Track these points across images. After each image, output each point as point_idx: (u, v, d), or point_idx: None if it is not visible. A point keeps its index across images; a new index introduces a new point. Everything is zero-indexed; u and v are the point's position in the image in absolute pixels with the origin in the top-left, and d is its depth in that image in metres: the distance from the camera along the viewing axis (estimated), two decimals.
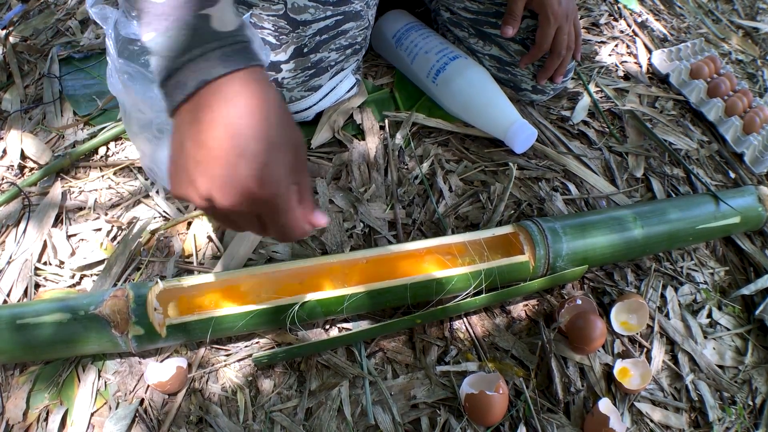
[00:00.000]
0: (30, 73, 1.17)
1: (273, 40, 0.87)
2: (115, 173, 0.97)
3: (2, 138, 1.04)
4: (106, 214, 0.91)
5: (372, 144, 1.00)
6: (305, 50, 0.88)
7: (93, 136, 1.01)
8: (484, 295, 0.77)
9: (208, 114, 0.48)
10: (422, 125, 1.05)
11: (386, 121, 1.03)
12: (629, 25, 1.40)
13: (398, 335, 0.81)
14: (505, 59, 1.04)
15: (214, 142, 0.48)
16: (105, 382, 0.75)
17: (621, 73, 1.27)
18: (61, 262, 0.86)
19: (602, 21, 1.40)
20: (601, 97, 1.19)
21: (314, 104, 0.97)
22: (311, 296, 0.73)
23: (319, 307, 0.74)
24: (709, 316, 0.90)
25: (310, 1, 0.84)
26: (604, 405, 0.73)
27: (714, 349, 0.87)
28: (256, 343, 0.78)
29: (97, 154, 1.00)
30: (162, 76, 0.50)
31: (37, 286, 0.84)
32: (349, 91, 1.02)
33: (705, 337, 0.87)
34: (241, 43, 0.51)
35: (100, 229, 0.89)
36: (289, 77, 0.90)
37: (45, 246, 0.88)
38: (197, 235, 0.89)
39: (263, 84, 0.51)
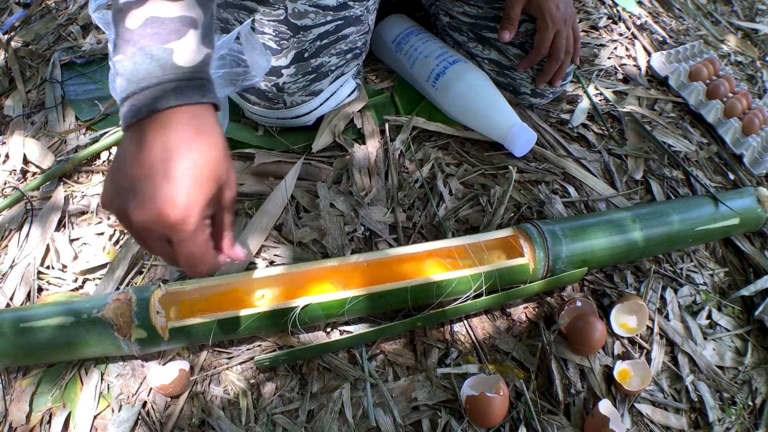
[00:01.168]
0: (32, 78, 1.17)
1: (274, 45, 0.87)
2: None
3: (5, 143, 1.04)
4: (109, 219, 0.92)
5: (372, 148, 1.00)
6: (306, 55, 0.89)
7: (95, 140, 1.02)
8: (484, 297, 0.78)
9: (150, 138, 0.52)
10: (422, 129, 1.05)
11: (386, 125, 1.04)
12: (628, 28, 1.41)
13: (399, 338, 0.81)
14: (504, 63, 1.04)
15: (146, 163, 0.52)
16: (108, 385, 0.75)
17: (620, 76, 1.27)
18: (64, 266, 0.86)
19: (601, 24, 1.40)
20: (600, 100, 1.19)
21: (315, 109, 0.98)
22: (313, 299, 0.74)
23: (321, 309, 0.74)
24: (709, 317, 0.90)
25: (310, 6, 0.85)
26: (605, 406, 0.74)
27: (714, 350, 0.87)
28: (258, 345, 0.79)
29: (99, 158, 1.00)
30: (121, 96, 0.54)
31: (40, 289, 0.84)
32: (349, 95, 1.03)
33: (705, 338, 0.88)
34: (198, 80, 0.55)
35: (102, 233, 0.90)
36: (290, 82, 0.91)
37: (48, 250, 0.88)
38: None
39: (208, 121, 0.55)
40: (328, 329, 0.81)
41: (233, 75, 0.76)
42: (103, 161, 1.00)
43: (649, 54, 1.33)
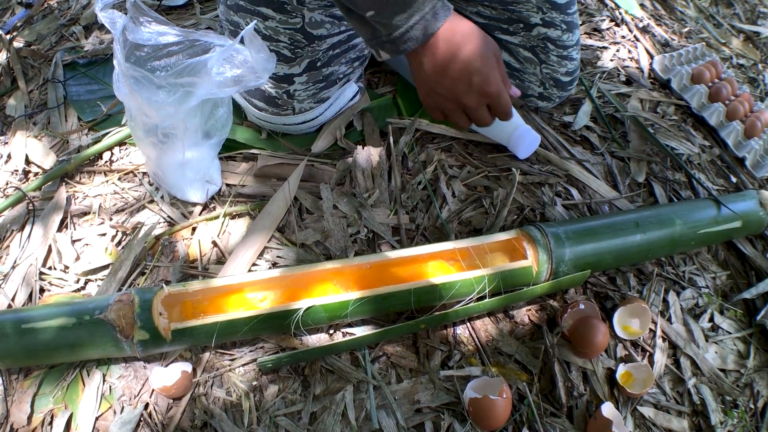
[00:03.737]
0: (34, 78, 1.17)
1: (288, 53, 0.88)
2: (119, 178, 0.97)
3: (7, 143, 1.04)
4: (111, 219, 0.92)
5: (375, 150, 1.00)
6: (318, 64, 0.90)
7: (97, 141, 1.02)
8: (487, 300, 0.78)
9: (440, 54, 0.77)
10: (425, 131, 1.05)
11: (389, 127, 1.04)
12: (631, 31, 1.41)
13: (402, 340, 0.81)
14: (514, 65, 1.04)
15: (454, 72, 0.79)
16: (110, 387, 0.75)
17: (623, 79, 1.27)
18: (66, 267, 0.86)
19: (604, 26, 1.41)
20: (603, 103, 1.19)
21: (320, 114, 0.98)
22: (315, 301, 0.74)
23: (324, 312, 0.74)
24: (711, 320, 0.90)
25: (326, 16, 0.85)
26: (607, 409, 0.74)
27: (716, 352, 0.87)
28: (261, 347, 0.79)
29: (101, 159, 1.00)
30: (381, 38, 0.76)
31: (41, 290, 0.84)
32: (352, 99, 1.03)
33: (707, 341, 0.88)
34: (438, 6, 0.75)
35: (104, 234, 0.90)
36: (301, 89, 0.91)
37: (50, 250, 0.88)
38: (202, 240, 0.89)
39: (465, 22, 0.78)
40: (331, 331, 0.81)
41: (238, 76, 0.76)
42: (106, 162, 1.00)
43: (651, 57, 1.33)
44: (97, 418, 0.73)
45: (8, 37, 1.24)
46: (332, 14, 0.86)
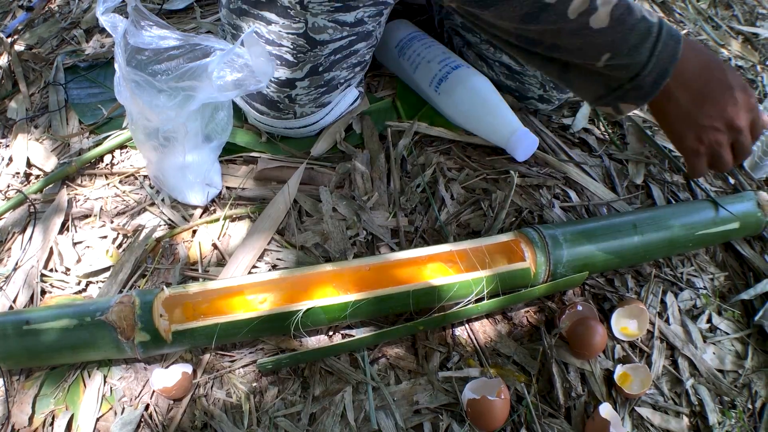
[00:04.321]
0: (35, 81, 1.18)
1: (291, 58, 0.88)
2: (120, 181, 0.98)
3: (8, 146, 1.05)
4: (112, 222, 0.92)
5: (374, 153, 1.01)
6: (320, 69, 0.90)
7: (98, 144, 1.02)
8: (485, 301, 0.78)
9: (693, 78, 0.70)
10: (424, 134, 1.06)
11: (388, 130, 1.04)
12: None
13: (401, 341, 0.82)
14: (515, 67, 1.05)
15: (716, 93, 0.71)
16: (110, 388, 0.76)
17: None
18: (67, 269, 0.87)
19: None
20: None
21: (321, 119, 0.99)
22: (315, 303, 0.74)
23: (323, 313, 0.75)
24: (709, 321, 0.91)
25: (329, 21, 0.86)
26: (605, 410, 0.74)
27: (714, 353, 0.87)
28: (261, 349, 0.79)
29: (102, 162, 1.01)
30: (622, 86, 0.70)
31: (43, 292, 0.85)
32: (352, 103, 1.04)
33: (705, 342, 0.88)
34: (666, 26, 0.68)
35: (105, 237, 0.90)
36: (302, 94, 0.92)
37: (51, 253, 0.88)
38: (202, 242, 0.89)
39: (701, 48, 0.72)
40: (331, 333, 0.81)
41: (238, 80, 0.77)
42: (107, 164, 1.00)
43: None
44: (98, 419, 0.73)
45: (9, 40, 1.25)
46: (335, 19, 0.86)
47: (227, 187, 0.97)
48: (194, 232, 0.91)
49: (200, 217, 0.93)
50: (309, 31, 0.86)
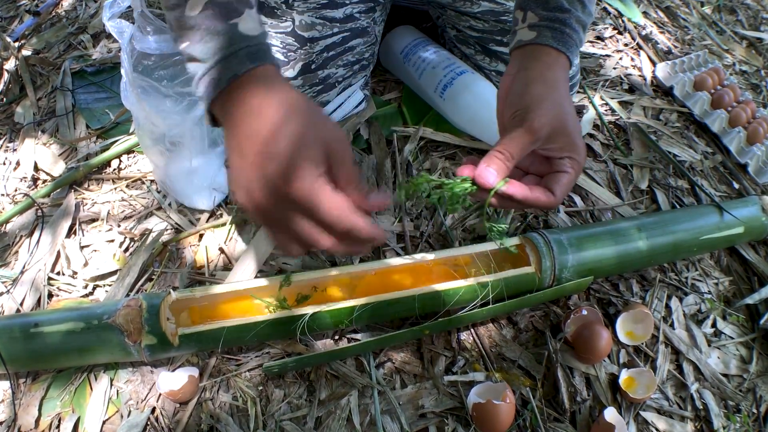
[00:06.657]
0: (42, 86, 1.18)
1: (281, 57, 0.88)
2: (127, 185, 0.98)
3: (16, 150, 1.06)
4: (119, 226, 0.93)
5: (381, 158, 1.01)
6: (313, 66, 0.90)
7: (105, 148, 1.03)
8: (491, 306, 0.78)
9: (239, 117, 0.53)
10: (430, 139, 1.06)
11: (394, 135, 1.05)
12: (633, 38, 1.41)
13: (406, 346, 0.82)
14: None
15: (247, 151, 0.52)
16: (117, 391, 0.76)
17: (625, 86, 1.28)
18: (75, 273, 0.87)
19: (607, 34, 1.41)
20: (605, 110, 1.20)
21: None
22: (321, 307, 0.74)
23: (329, 317, 0.75)
24: (714, 325, 0.91)
25: (317, 18, 0.86)
26: (610, 414, 0.74)
27: (718, 358, 0.87)
28: (267, 352, 0.79)
29: (109, 166, 1.01)
30: (198, 75, 0.57)
31: (50, 295, 0.85)
32: (357, 106, 1.04)
33: (709, 346, 0.88)
34: (264, 44, 0.57)
35: (113, 241, 0.91)
36: None
37: (58, 256, 0.89)
38: (209, 246, 0.90)
39: (284, 84, 0.56)
40: (336, 337, 0.81)
41: None
42: (114, 169, 1.01)
43: (654, 64, 1.34)
44: (104, 422, 0.73)
45: (17, 45, 1.26)
46: (323, 16, 0.86)
47: None
48: (201, 236, 0.92)
49: (207, 221, 0.93)
50: (297, 29, 0.86)
